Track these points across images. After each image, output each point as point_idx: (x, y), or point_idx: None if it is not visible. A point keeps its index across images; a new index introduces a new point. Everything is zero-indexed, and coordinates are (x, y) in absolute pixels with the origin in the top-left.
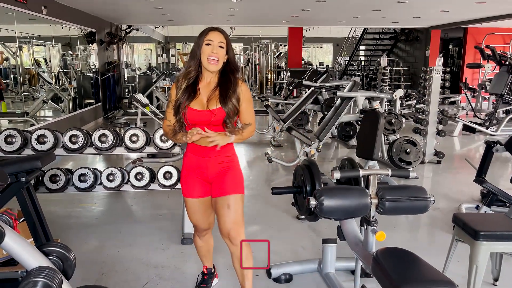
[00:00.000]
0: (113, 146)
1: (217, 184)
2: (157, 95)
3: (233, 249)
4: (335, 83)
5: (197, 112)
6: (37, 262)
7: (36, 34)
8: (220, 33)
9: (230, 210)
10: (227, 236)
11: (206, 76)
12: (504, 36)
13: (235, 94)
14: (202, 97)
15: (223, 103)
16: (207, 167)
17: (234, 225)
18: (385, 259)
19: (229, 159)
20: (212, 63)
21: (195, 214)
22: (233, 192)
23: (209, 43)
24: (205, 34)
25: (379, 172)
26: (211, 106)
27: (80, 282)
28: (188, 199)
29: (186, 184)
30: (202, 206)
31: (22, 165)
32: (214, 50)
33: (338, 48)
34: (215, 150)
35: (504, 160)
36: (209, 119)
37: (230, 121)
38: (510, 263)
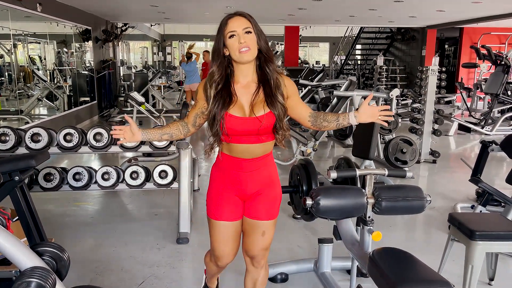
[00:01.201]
0: (108, 144)
1: (254, 204)
2: (152, 93)
3: (252, 270)
4: (331, 82)
5: (239, 119)
6: (31, 262)
7: (31, 32)
8: (242, 16)
9: (264, 238)
10: (251, 258)
11: (241, 75)
12: (499, 36)
13: (280, 91)
14: (242, 102)
15: (272, 106)
16: (246, 183)
17: (262, 251)
18: (381, 259)
19: (271, 171)
20: (245, 52)
21: (223, 242)
22: (270, 218)
23: (232, 34)
24: (224, 26)
25: (375, 172)
26: (258, 112)
27: (75, 282)
28: (216, 222)
29: (217, 203)
30: (232, 233)
31: (15, 163)
32: (241, 40)
33: (335, 47)
34: (256, 162)
35: (499, 159)
36: (256, 127)
37: (281, 125)
38: (505, 263)
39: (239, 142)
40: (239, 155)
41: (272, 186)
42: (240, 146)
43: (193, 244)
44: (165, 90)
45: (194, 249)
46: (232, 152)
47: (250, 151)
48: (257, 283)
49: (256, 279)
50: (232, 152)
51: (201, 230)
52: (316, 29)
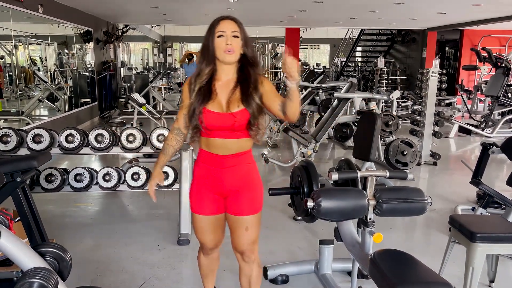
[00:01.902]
0: (109, 146)
1: (234, 201)
2: (153, 94)
3: (244, 266)
4: (332, 84)
5: (216, 115)
6: (33, 263)
7: (32, 33)
8: (233, 21)
9: (248, 233)
10: (240, 254)
11: (223, 73)
12: (500, 39)
13: (257, 91)
14: (220, 98)
15: (246, 103)
16: (223, 179)
17: (250, 246)
18: (382, 260)
19: (248, 169)
20: (230, 54)
21: (204, 233)
22: (252, 213)
23: (221, 34)
24: (215, 25)
25: (376, 174)
26: (233, 109)
27: (76, 282)
28: (198, 216)
29: (196, 198)
30: (213, 225)
31: (17, 164)
32: (228, 41)
33: (335, 49)
34: (233, 159)
35: (500, 162)
36: (231, 123)
37: (255, 122)
38: (506, 265)
39: (216, 136)
40: (216, 150)
41: (251, 183)
42: (217, 141)
43: (194, 245)
44: (165, 91)
45: (195, 250)
46: (210, 148)
47: (227, 147)
48: (252, 279)
49: (249, 275)
50: (210, 147)
51: None
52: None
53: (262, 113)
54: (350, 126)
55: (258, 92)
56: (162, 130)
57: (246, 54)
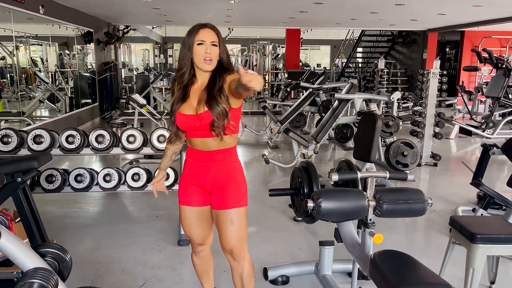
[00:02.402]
0: (110, 146)
1: (218, 195)
2: (154, 95)
3: (235, 265)
4: (332, 85)
5: (185, 117)
6: (33, 263)
7: (33, 34)
8: (211, 30)
9: (234, 225)
10: (229, 253)
11: (199, 78)
12: (500, 40)
13: (222, 93)
14: (192, 101)
15: (209, 106)
16: (206, 175)
17: (237, 242)
18: (383, 261)
19: (232, 167)
20: (208, 62)
21: (190, 226)
22: (236, 206)
23: (201, 43)
24: (195, 33)
25: (377, 175)
26: (199, 110)
27: (76, 283)
28: (185, 207)
29: (184, 191)
30: (199, 217)
31: (18, 165)
32: (207, 50)
33: (336, 50)
34: (217, 155)
35: (501, 163)
36: (195, 124)
37: (218, 125)
38: (506, 266)
39: (194, 136)
40: (198, 148)
41: (234, 179)
42: (196, 140)
43: None
44: (166, 92)
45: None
46: (192, 145)
47: (206, 144)
48: (243, 277)
49: (241, 273)
50: (192, 145)
51: None
52: (317, 32)
53: (226, 117)
54: (351, 127)
55: (224, 93)
56: (162, 131)
57: (221, 60)
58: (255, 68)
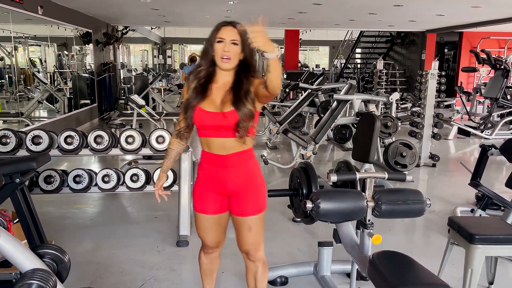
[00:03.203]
0: (108, 147)
1: (238, 201)
2: (153, 96)
3: (250, 264)
4: (331, 85)
5: (207, 113)
6: (31, 264)
7: (32, 34)
8: (234, 27)
9: (252, 232)
10: (245, 253)
11: (221, 76)
12: (499, 41)
13: (249, 96)
14: (215, 98)
15: (236, 106)
16: (225, 180)
17: (254, 246)
18: (381, 262)
19: (251, 169)
20: (225, 61)
21: (205, 232)
22: (255, 213)
23: (220, 40)
24: (216, 31)
25: (375, 175)
26: (225, 109)
27: (75, 284)
28: (200, 215)
29: (200, 198)
30: (215, 224)
31: (16, 166)
32: (226, 48)
33: (335, 51)
34: (234, 158)
35: (499, 163)
36: (220, 122)
37: (243, 126)
38: (505, 267)
39: (213, 136)
40: (216, 151)
41: (253, 182)
42: (215, 141)
43: (193, 247)
44: (165, 93)
45: (194, 252)
46: (210, 148)
47: (226, 147)
48: (257, 276)
49: (255, 272)
50: (210, 148)
51: None
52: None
53: (252, 119)
54: (350, 127)
55: (250, 96)
56: (161, 132)
57: (245, 58)
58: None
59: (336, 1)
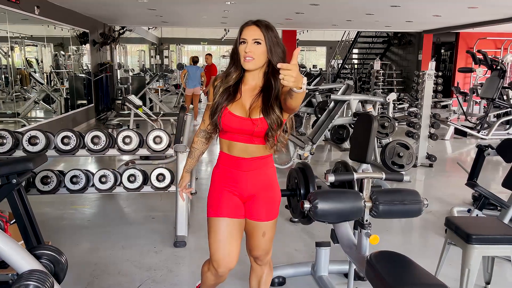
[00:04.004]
0: (105, 147)
1: (254, 205)
2: (150, 96)
3: (256, 267)
4: (328, 86)
5: (237, 118)
6: (28, 265)
7: (28, 34)
8: (257, 27)
9: (265, 237)
10: (254, 258)
11: (249, 78)
12: (495, 41)
13: (279, 102)
14: (244, 101)
15: (265, 113)
16: (243, 182)
17: (265, 251)
18: (379, 262)
19: (270, 175)
20: (247, 61)
21: (219, 242)
22: (271, 218)
23: (243, 41)
24: (240, 32)
25: (373, 176)
26: (254, 115)
27: (72, 285)
28: (216, 219)
29: (216, 201)
30: (230, 231)
31: (13, 166)
32: (247, 48)
33: (332, 51)
34: (255, 162)
35: (496, 163)
36: (251, 129)
37: (273, 134)
38: (502, 267)
39: (237, 140)
40: (237, 153)
41: (271, 188)
42: (238, 145)
43: (191, 247)
44: (162, 93)
45: (192, 252)
46: (231, 151)
47: (248, 151)
48: (261, 281)
49: (260, 276)
50: (231, 150)
51: (199, 233)
52: (313, 33)
53: (281, 125)
54: (347, 128)
55: (279, 103)
56: (158, 132)
57: (270, 59)
58: None
59: (333, 1)
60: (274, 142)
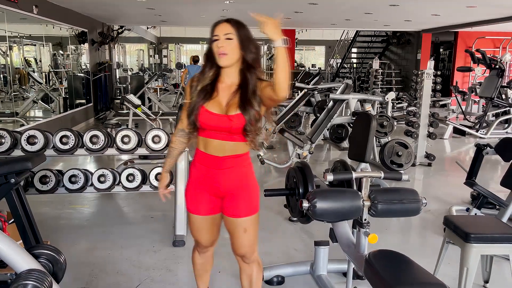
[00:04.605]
0: (104, 147)
1: (231, 202)
2: (149, 96)
3: (245, 266)
4: (327, 85)
5: (214, 116)
6: (27, 265)
7: (27, 34)
8: (227, 23)
9: (247, 234)
10: (241, 257)
11: (225, 76)
12: (494, 40)
13: (256, 97)
14: (221, 99)
15: (243, 109)
16: (219, 181)
17: (250, 248)
18: (377, 261)
19: (245, 171)
20: (221, 57)
21: (199, 232)
22: (250, 214)
23: (215, 38)
24: (213, 29)
25: (371, 175)
26: (230, 112)
27: (71, 285)
28: (194, 216)
29: (193, 199)
30: (209, 224)
31: (11, 166)
32: (219, 44)
33: (331, 51)
34: (229, 161)
35: (494, 162)
36: (228, 125)
37: (252, 129)
38: (500, 265)
39: (214, 137)
40: (213, 152)
41: (247, 184)
42: (215, 142)
43: (190, 246)
44: (161, 92)
45: (190, 252)
46: (207, 149)
47: (224, 149)
48: (252, 278)
49: (250, 274)
50: (207, 148)
51: None
52: (312, 33)
53: (259, 120)
54: (346, 127)
55: (257, 97)
56: (157, 131)
57: (244, 56)
58: None
59: (332, 0)
60: (253, 136)
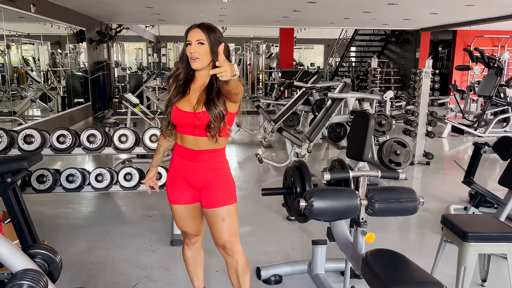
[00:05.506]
0: (101, 146)
1: (207, 194)
2: (147, 94)
3: (229, 259)
4: (326, 84)
5: (183, 113)
6: (22, 265)
7: (25, 33)
8: (199, 29)
9: (225, 222)
10: (222, 248)
11: (198, 78)
12: (492, 39)
13: (220, 97)
14: (191, 98)
15: (208, 107)
16: (194, 173)
17: (230, 238)
18: (375, 260)
19: (219, 166)
20: (194, 61)
21: (183, 221)
22: (225, 203)
23: (188, 43)
24: (186, 35)
25: (368, 174)
26: (197, 109)
27: (69, 284)
28: (175, 206)
29: (172, 189)
30: (191, 212)
31: (8, 165)
32: (192, 49)
33: (329, 49)
34: (205, 155)
35: (492, 161)
36: (193, 122)
37: (214, 126)
38: (498, 264)
39: (186, 133)
40: (188, 145)
41: (223, 177)
42: (188, 137)
43: None
44: (159, 91)
45: None
46: (183, 143)
47: (197, 143)
48: (238, 271)
49: (236, 267)
50: (183, 142)
51: None
52: (311, 31)
53: (223, 120)
54: (344, 126)
55: (222, 97)
56: (155, 130)
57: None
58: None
59: None
60: (217, 134)
